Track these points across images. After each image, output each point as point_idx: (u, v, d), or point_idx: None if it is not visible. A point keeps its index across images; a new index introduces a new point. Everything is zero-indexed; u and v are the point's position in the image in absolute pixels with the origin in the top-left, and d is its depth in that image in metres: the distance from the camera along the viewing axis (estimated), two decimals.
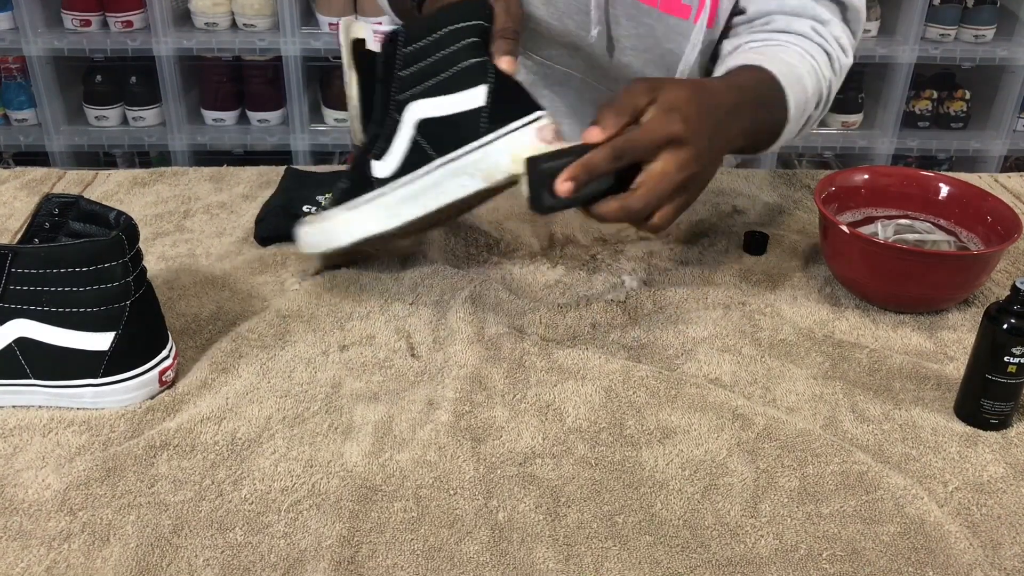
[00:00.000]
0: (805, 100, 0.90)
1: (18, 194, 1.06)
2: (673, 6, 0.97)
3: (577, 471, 0.69)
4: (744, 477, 0.69)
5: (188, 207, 1.04)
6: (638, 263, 0.95)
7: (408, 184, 0.79)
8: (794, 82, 0.88)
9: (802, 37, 0.95)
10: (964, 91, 2.46)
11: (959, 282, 0.86)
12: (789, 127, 0.89)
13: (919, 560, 0.63)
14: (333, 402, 0.75)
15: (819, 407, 0.76)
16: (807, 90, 0.90)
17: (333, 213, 0.82)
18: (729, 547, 0.63)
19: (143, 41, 2.25)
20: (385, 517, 0.65)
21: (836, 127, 2.48)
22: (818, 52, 0.94)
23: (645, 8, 0.98)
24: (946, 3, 2.29)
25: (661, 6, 0.97)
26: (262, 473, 0.68)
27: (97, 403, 0.73)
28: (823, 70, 0.94)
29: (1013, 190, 1.12)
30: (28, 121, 2.42)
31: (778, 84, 0.87)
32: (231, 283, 0.90)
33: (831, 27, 0.96)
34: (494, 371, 0.78)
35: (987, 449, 0.72)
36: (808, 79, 0.91)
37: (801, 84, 0.89)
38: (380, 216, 0.80)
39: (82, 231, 0.75)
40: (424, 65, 0.79)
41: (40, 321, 0.70)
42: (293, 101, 2.33)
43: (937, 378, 0.80)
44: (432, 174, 0.78)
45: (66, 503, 0.65)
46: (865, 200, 0.96)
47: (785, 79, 0.87)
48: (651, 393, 0.77)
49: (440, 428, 0.72)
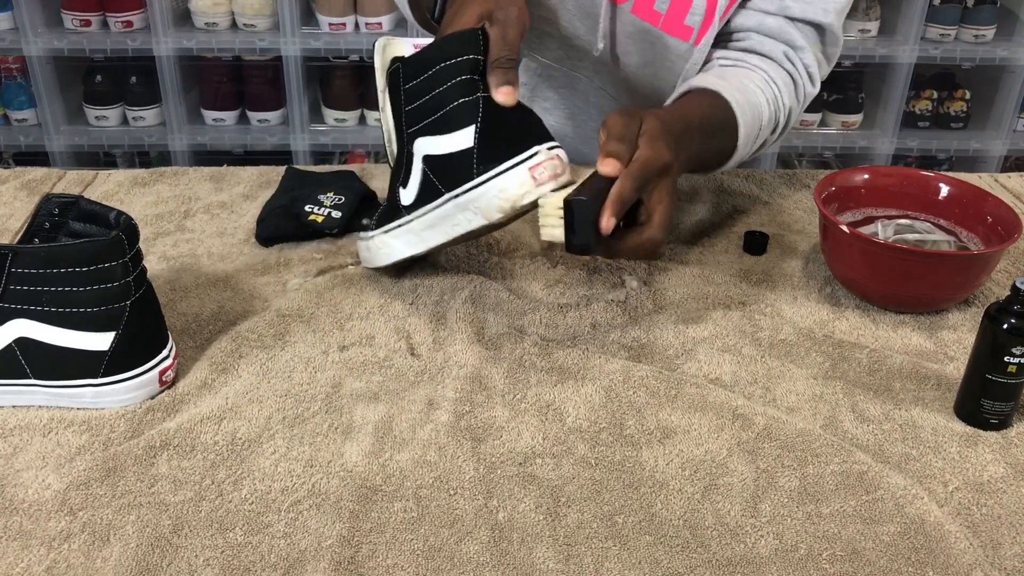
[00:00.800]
0: (759, 128, 0.94)
1: (18, 194, 1.06)
2: (675, 28, 0.98)
3: (577, 471, 0.69)
4: (744, 477, 0.69)
5: (189, 207, 1.04)
6: (638, 263, 0.95)
7: (425, 214, 0.81)
8: (748, 111, 0.92)
9: (772, 61, 0.97)
10: (964, 91, 2.46)
11: (959, 282, 0.86)
12: (738, 153, 0.93)
13: (919, 560, 0.63)
14: (333, 402, 0.75)
15: (819, 407, 0.76)
16: (762, 117, 0.94)
17: (375, 235, 0.86)
18: (729, 547, 0.63)
19: (143, 41, 2.25)
20: (385, 517, 0.65)
21: (836, 127, 2.48)
22: (783, 79, 0.97)
23: (646, 27, 1.00)
24: (946, 3, 2.29)
25: (663, 27, 0.99)
26: (262, 473, 0.68)
27: (97, 403, 0.73)
28: (784, 98, 0.97)
29: (1013, 190, 1.12)
30: (28, 121, 2.42)
31: (732, 113, 0.90)
32: (232, 283, 0.90)
33: (803, 54, 0.97)
34: (494, 371, 0.78)
35: (987, 449, 0.72)
36: (765, 108, 0.94)
37: (756, 112, 0.93)
38: (410, 241, 0.83)
39: (82, 231, 0.75)
40: (421, 103, 0.79)
41: (40, 321, 0.70)
42: (293, 101, 2.33)
43: (937, 378, 0.80)
44: (443, 207, 0.79)
45: (66, 503, 0.65)
46: (865, 200, 0.96)
47: (739, 108, 0.90)
48: (651, 393, 0.77)
49: (440, 428, 0.72)
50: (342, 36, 2.26)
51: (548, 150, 0.76)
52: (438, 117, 0.78)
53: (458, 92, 0.77)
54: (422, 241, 0.83)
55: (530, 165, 0.75)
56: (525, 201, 0.76)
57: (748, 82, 0.94)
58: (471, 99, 0.77)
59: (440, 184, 0.79)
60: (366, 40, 2.25)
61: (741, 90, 0.92)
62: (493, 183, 0.76)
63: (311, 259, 0.94)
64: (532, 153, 0.76)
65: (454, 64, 0.77)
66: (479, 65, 0.77)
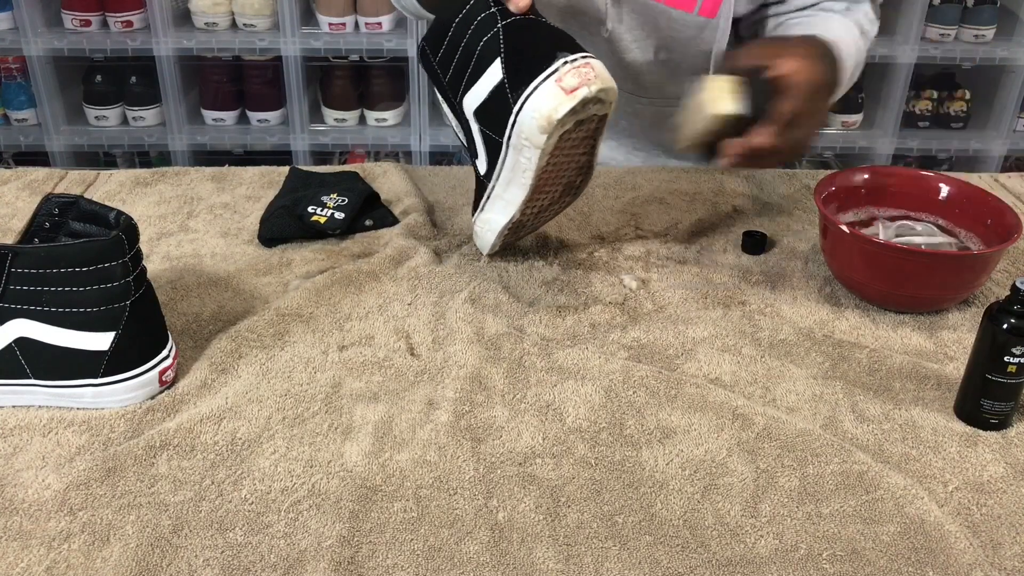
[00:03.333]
0: (854, 61, 1.01)
1: (20, 194, 1.06)
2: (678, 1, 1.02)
3: (577, 471, 0.69)
4: (744, 477, 0.69)
5: (191, 207, 1.04)
6: (637, 263, 0.95)
7: (500, 175, 0.81)
8: (839, 44, 0.95)
9: (837, 14, 1.04)
10: (964, 91, 2.46)
11: (959, 282, 0.86)
12: (843, 85, 0.97)
13: (919, 560, 0.63)
14: (333, 402, 0.75)
15: (819, 407, 0.76)
16: (851, 51, 1.00)
17: (475, 218, 0.87)
18: (729, 547, 0.63)
19: (143, 41, 2.25)
20: (385, 517, 0.65)
21: (836, 127, 2.48)
22: (853, 26, 1.04)
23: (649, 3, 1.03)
24: (946, 3, 2.28)
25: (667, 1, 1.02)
26: (262, 473, 0.68)
27: (97, 403, 0.73)
28: (859, 41, 1.03)
29: (1013, 190, 1.12)
30: (28, 121, 2.42)
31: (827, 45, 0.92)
32: (234, 284, 0.90)
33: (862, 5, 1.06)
34: (494, 371, 0.78)
35: (987, 449, 0.72)
36: (851, 47, 1.00)
37: (850, 50, 0.99)
38: (499, 207, 0.84)
39: (82, 231, 0.75)
40: (454, 66, 0.80)
41: (40, 321, 0.70)
42: (293, 101, 2.33)
43: (937, 378, 0.79)
44: (507, 156, 0.80)
45: (66, 503, 0.65)
46: (865, 200, 0.96)
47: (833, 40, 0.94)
48: (651, 393, 0.77)
49: (440, 428, 0.72)
50: (342, 36, 2.26)
51: (571, 60, 0.75)
52: (471, 69, 0.78)
53: (478, 35, 0.78)
54: (508, 203, 0.83)
55: (556, 78, 0.74)
56: (560, 114, 0.75)
57: (827, 25, 1.00)
58: (492, 34, 0.77)
59: (495, 135, 0.79)
60: (366, 40, 2.24)
61: (826, 30, 0.97)
62: (527, 107, 0.75)
63: (313, 260, 0.94)
64: (554, 68, 0.75)
65: (467, 12, 0.78)
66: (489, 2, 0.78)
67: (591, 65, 0.75)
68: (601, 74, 0.76)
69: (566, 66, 0.75)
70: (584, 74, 0.74)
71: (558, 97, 0.74)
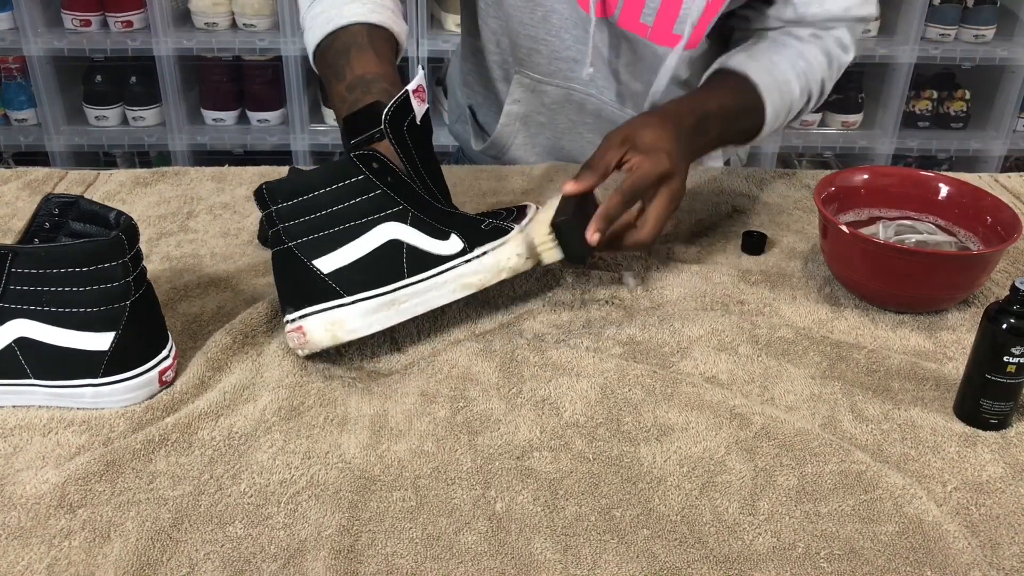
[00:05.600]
0: (788, 105, 0.99)
1: (20, 194, 1.06)
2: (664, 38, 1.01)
3: (575, 465, 0.69)
4: (742, 475, 0.69)
5: (192, 207, 1.04)
6: (635, 261, 0.95)
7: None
8: (776, 89, 0.96)
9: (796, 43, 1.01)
10: (964, 91, 2.46)
11: (959, 282, 0.86)
12: (766, 130, 0.98)
13: (917, 560, 0.63)
14: (327, 395, 0.75)
15: (818, 407, 0.76)
16: (792, 93, 0.98)
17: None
18: (727, 544, 0.63)
19: (143, 41, 2.25)
20: (384, 507, 0.65)
21: (836, 127, 2.48)
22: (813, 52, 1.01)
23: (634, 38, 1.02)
24: (946, 3, 2.29)
25: (651, 37, 1.01)
26: (260, 466, 0.68)
27: (97, 403, 0.73)
28: (815, 72, 1.01)
29: (1013, 190, 1.13)
30: (28, 121, 2.42)
31: (758, 94, 0.95)
32: (234, 284, 0.90)
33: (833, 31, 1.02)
34: (488, 367, 0.78)
35: (986, 449, 0.72)
36: (795, 83, 0.98)
37: (785, 89, 0.98)
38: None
39: (82, 231, 0.75)
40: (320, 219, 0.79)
41: (40, 321, 0.70)
42: (293, 101, 2.33)
43: (936, 378, 0.80)
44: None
45: (66, 501, 0.65)
46: (865, 200, 0.96)
47: (766, 89, 0.95)
48: (647, 391, 0.77)
49: (437, 422, 0.73)
50: None
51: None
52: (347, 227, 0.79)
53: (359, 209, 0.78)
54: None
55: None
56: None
57: (778, 58, 0.99)
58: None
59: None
60: None
61: (769, 69, 0.97)
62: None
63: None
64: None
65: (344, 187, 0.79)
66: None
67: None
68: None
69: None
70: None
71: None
